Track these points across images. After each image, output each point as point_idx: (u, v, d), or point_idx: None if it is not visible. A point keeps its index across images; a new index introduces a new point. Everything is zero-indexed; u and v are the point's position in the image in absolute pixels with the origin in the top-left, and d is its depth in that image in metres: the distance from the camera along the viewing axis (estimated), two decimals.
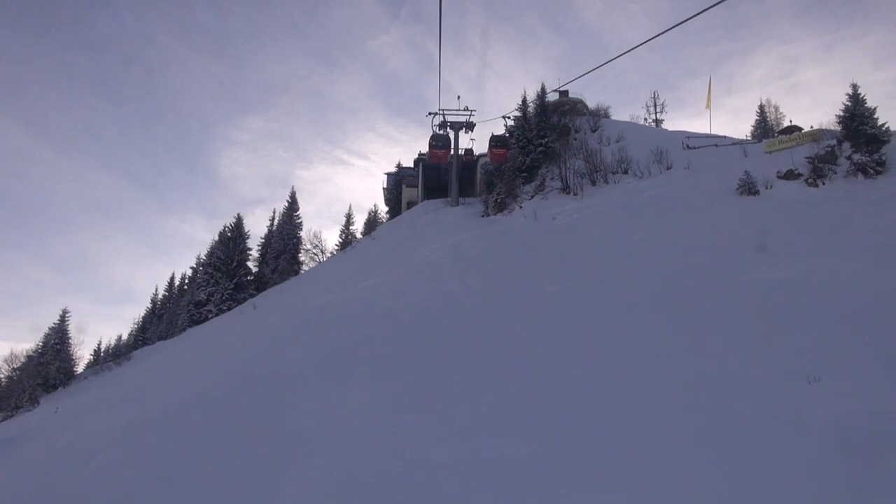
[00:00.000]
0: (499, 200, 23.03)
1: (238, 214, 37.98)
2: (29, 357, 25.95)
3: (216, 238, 37.01)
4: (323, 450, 7.29)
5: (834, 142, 15.52)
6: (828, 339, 7.56)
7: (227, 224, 35.89)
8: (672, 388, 6.92)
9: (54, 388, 23.20)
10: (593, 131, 26.60)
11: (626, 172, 19.97)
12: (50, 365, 24.33)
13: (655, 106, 34.82)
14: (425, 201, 31.63)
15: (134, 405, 12.23)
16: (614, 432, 6.22)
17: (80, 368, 26.93)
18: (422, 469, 6.31)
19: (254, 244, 37.85)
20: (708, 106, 27.02)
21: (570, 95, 31.73)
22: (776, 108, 26.24)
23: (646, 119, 34.16)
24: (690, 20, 5.50)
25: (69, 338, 26.09)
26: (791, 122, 22.10)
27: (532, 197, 21.59)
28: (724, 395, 6.56)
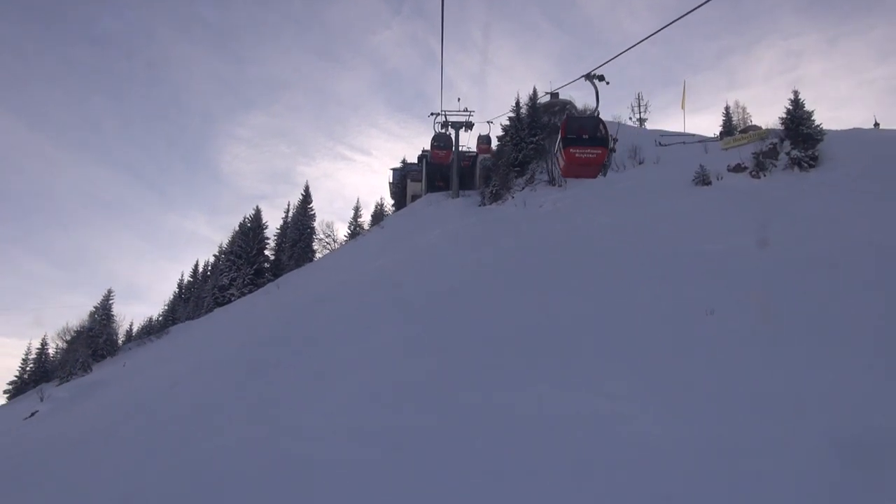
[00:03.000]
0: (494, 192, 25.27)
1: (257, 207, 40.32)
2: (78, 332, 28.56)
3: (237, 228, 39.28)
4: (356, 372, 9.62)
5: (777, 140, 17.73)
6: (733, 289, 9.88)
7: (247, 216, 38.16)
8: (615, 317, 9.30)
9: (102, 357, 25.63)
10: None
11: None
12: (98, 337, 26.84)
13: (640, 106, 36.98)
14: (428, 194, 33.79)
15: (193, 356, 14.56)
16: (576, 357, 8.62)
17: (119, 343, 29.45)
18: (424, 379, 8.67)
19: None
20: (683, 106, 29.25)
21: (561, 97, 33.94)
22: (744, 109, 28.40)
23: (630, 118, 36.30)
24: (692, 14, 6.39)
25: (113, 314, 28.76)
26: (751, 122, 24.30)
27: (523, 188, 23.83)
28: (655, 322, 8.96)
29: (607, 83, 8.75)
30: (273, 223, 39.23)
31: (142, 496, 6.25)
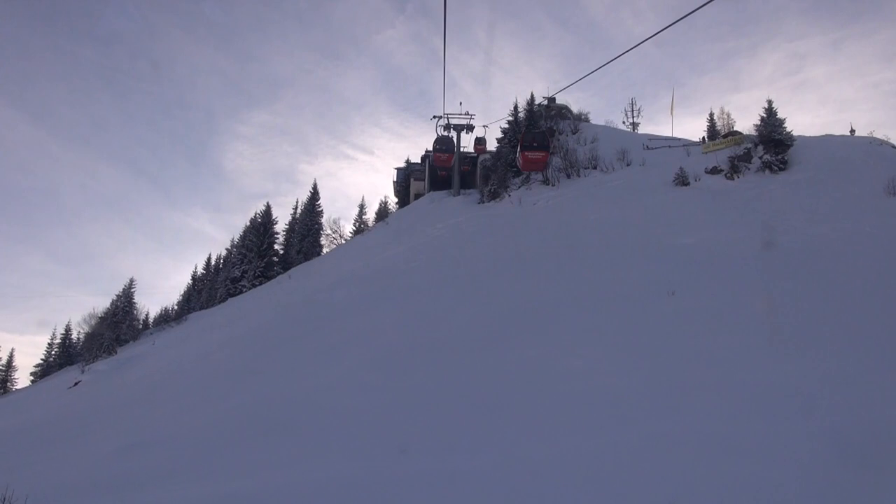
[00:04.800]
0: (492, 191, 26.57)
1: (267, 203, 41.64)
2: (102, 318, 30.05)
3: (248, 224, 40.71)
4: (366, 343, 10.94)
5: (751, 145, 19.03)
6: (696, 275, 11.20)
7: (258, 211, 39.63)
8: (594, 297, 10.63)
9: (126, 342, 27.01)
10: (573, 133, 30.07)
11: (595, 168, 23.48)
12: (121, 323, 28.27)
13: (633, 111, 38.24)
14: (431, 192, 35.11)
15: (219, 333, 15.90)
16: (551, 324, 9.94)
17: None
18: (425, 348, 10.00)
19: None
20: (671, 113, 30.62)
21: (558, 101, 35.26)
22: (728, 115, 29.61)
23: (624, 122, 37.55)
24: (697, 16, 6.73)
25: (134, 301, 30.29)
26: (735, 127, 25.60)
27: (519, 188, 25.14)
28: (625, 300, 10.28)
29: (549, 107, 12.80)
30: (276, 221, 40.57)
31: (207, 429, 7.61)
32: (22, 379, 35.44)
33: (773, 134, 18.55)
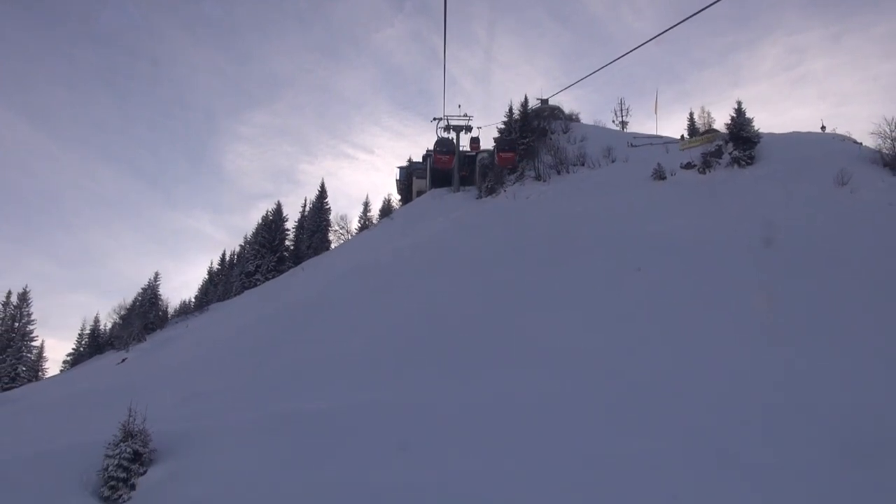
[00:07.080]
0: (489, 187, 28.10)
1: (278, 202, 43.05)
2: (130, 308, 31.81)
3: (260, 221, 42.37)
4: (373, 322, 12.50)
5: (722, 142, 20.50)
6: (661, 255, 12.74)
7: (269, 209, 41.27)
8: (577, 276, 12.19)
9: (153, 329, 28.65)
10: (564, 132, 31.54)
11: (583, 164, 24.98)
12: (149, 313, 29.95)
13: (622, 111, 39.69)
14: (432, 189, 36.59)
15: (244, 317, 17.49)
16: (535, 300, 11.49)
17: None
18: (431, 319, 11.55)
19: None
20: (655, 112, 32.06)
21: (551, 103, 36.74)
22: (709, 114, 31.02)
23: (613, 121, 39.00)
24: (697, 14, 5.86)
25: (159, 294, 32.11)
26: (712, 126, 27.02)
27: (514, 183, 26.67)
28: (601, 275, 11.83)
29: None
30: (287, 218, 42.15)
31: (248, 382, 9.22)
32: (52, 369, 37.17)
33: (741, 132, 20.01)
